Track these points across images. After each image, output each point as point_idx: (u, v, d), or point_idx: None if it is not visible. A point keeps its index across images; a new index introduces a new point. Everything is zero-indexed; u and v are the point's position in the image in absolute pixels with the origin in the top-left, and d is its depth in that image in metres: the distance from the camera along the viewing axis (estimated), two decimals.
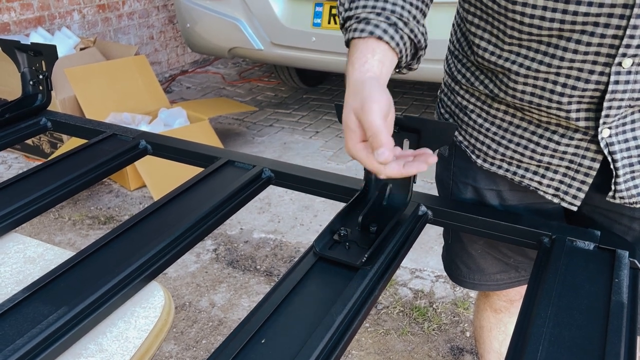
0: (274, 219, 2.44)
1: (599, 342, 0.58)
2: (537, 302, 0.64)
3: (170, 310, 0.68)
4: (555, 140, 0.77)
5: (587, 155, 0.76)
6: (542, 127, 0.78)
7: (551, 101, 0.73)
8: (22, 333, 0.59)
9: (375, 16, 0.69)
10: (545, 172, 0.80)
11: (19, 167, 2.97)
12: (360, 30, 0.69)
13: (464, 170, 0.91)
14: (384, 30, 0.68)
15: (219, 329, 1.83)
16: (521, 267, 0.97)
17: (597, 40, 0.66)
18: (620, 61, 0.66)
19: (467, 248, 0.98)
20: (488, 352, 1.19)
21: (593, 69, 0.68)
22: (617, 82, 0.68)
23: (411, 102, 3.69)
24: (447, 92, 0.90)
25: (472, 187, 0.91)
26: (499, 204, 0.90)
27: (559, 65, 0.70)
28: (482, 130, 0.84)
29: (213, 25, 3.09)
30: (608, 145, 0.73)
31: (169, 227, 0.77)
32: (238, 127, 3.45)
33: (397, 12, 0.70)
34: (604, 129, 0.72)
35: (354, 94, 0.64)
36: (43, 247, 0.80)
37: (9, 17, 3.30)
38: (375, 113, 0.61)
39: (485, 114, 0.83)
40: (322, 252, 0.71)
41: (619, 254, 0.71)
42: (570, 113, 0.73)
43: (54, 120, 1.13)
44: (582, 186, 0.78)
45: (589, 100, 0.71)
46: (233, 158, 0.97)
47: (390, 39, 0.68)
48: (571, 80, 0.70)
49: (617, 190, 0.75)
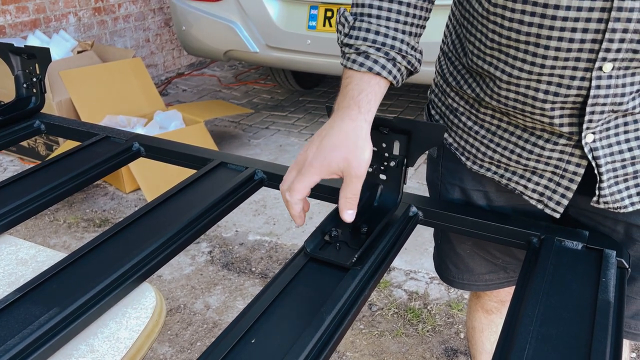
0: (269, 221, 2.44)
1: (585, 340, 0.59)
2: (525, 300, 0.64)
3: (162, 311, 0.69)
4: (540, 145, 0.77)
5: (571, 161, 0.76)
6: (528, 132, 0.78)
7: (534, 107, 0.73)
8: (14, 334, 0.59)
9: (375, 51, 0.71)
10: (532, 177, 0.81)
11: (14, 169, 2.96)
12: (360, 64, 0.71)
13: (451, 171, 0.91)
14: (382, 66, 0.71)
15: (213, 331, 1.83)
16: (509, 267, 0.98)
17: (576, 46, 0.66)
18: (601, 65, 0.67)
19: (456, 248, 0.99)
20: (480, 352, 1.19)
21: (574, 75, 0.69)
22: (598, 86, 0.68)
23: (407, 104, 3.70)
24: (438, 93, 0.91)
25: (459, 188, 0.91)
26: (486, 205, 0.90)
27: (539, 72, 0.70)
28: (472, 133, 0.84)
29: (209, 28, 3.09)
30: (592, 150, 0.73)
31: (162, 228, 0.78)
32: (234, 129, 3.45)
33: (396, 47, 0.72)
34: (588, 134, 0.72)
35: (353, 143, 0.69)
36: (35, 249, 0.80)
37: (4, 20, 3.30)
38: (362, 180, 0.69)
39: (474, 117, 0.83)
40: (313, 253, 0.72)
41: (607, 253, 0.72)
42: (554, 119, 0.73)
43: (47, 122, 1.14)
44: (566, 192, 0.78)
45: (571, 105, 0.71)
46: (226, 160, 0.97)
47: (388, 73, 0.72)
48: (553, 87, 0.71)
49: (601, 195, 0.75)
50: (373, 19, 0.72)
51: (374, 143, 0.78)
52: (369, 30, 0.72)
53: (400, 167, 0.78)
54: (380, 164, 0.79)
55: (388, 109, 3.58)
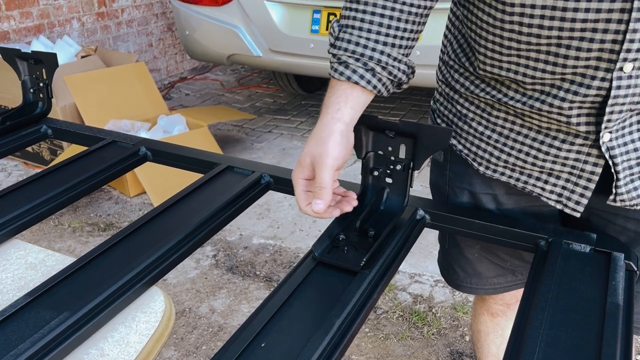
0: (274, 225, 2.44)
1: (595, 343, 0.59)
2: (534, 304, 0.65)
3: (171, 315, 0.69)
4: (556, 146, 0.78)
5: (589, 161, 0.76)
6: (543, 134, 0.79)
7: (552, 106, 0.74)
8: (25, 338, 0.60)
9: (354, 61, 0.73)
10: (548, 178, 0.81)
11: (18, 174, 2.97)
12: (340, 73, 0.74)
13: (459, 175, 0.92)
14: (360, 75, 0.73)
15: (218, 335, 1.83)
16: (518, 270, 0.98)
17: (597, 46, 0.67)
18: (622, 66, 0.67)
19: (464, 252, 0.99)
20: (486, 356, 1.19)
21: (595, 75, 0.69)
22: (619, 87, 0.69)
23: (409, 107, 3.70)
24: (444, 101, 0.91)
25: (468, 192, 0.91)
26: (495, 208, 0.90)
27: (562, 72, 0.71)
28: (484, 138, 0.84)
29: (212, 32, 3.10)
30: (609, 149, 0.74)
31: (169, 232, 0.78)
32: (237, 133, 3.46)
33: (375, 58, 0.73)
34: (605, 134, 0.73)
35: (318, 139, 0.72)
36: (44, 253, 0.80)
37: (8, 26, 3.32)
38: (327, 171, 0.71)
39: (485, 122, 0.84)
40: (320, 257, 0.72)
41: (615, 256, 0.72)
42: (571, 118, 0.74)
43: (54, 127, 1.14)
44: (585, 192, 0.78)
45: (589, 105, 0.72)
46: (232, 164, 0.98)
47: (367, 83, 0.74)
48: (574, 86, 0.71)
49: (618, 193, 0.76)
50: (355, 30, 0.74)
51: (379, 147, 0.79)
52: (350, 41, 0.74)
53: (406, 171, 0.78)
54: (386, 167, 0.79)
55: (390, 112, 3.58)
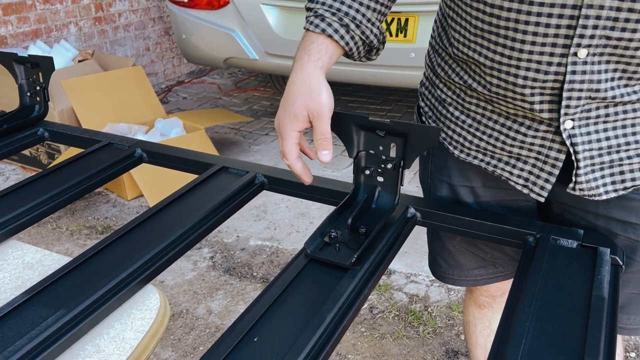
0: (270, 227, 2.45)
1: (580, 335, 0.60)
2: (521, 297, 0.66)
3: (166, 311, 0.70)
4: (522, 132, 0.80)
5: (553, 147, 0.78)
6: (511, 119, 0.81)
7: (515, 92, 0.76)
8: (22, 335, 0.61)
9: (330, 15, 0.78)
10: (516, 163, 0.83)
11: (16, 178, 2.98)
12: (315, 25, 0.78)
13: (440, 168, 0.94)
14: (335, 30, 0.78)
15: (216, 336, 1.84)
16: (498, 262, 1.00)
17: (552, 31, 0.69)
18: (576, 51, 0.69)
19: (446, 245, 1.01)
20: (474, 346, 1.22)
21: (551, 60, 0.71)
22: (574, 72, 0.70)
23: (405, 109, 3.72)
24: (428, 85, 0.94)
25: (447, 184, 0.94)
26: (473, 201, 0.92)
27: (518, 57, 0.73)
28: (459, 122, 0.87)
29: (208, 36, 3.12)
30: (571, 137, 0.76)
31: (165, 231, 0.79)
32: (234, 136, 3.47)
33: (350, 14, 0.78)
34: (567, 120, 0.75)
35: (307, 89, 0.75)
36: (41, 253, 0.82)
37: (5, 31, 3.33)
38: (327, 121, 0.75)
39: (460, 107, 0.86)
40: (313, 254, 0.73)
41: (601, 251, 0.73)
42: (534, 105, 0.76)
43: (51, 130, 1.15)
44: (550, 177, 0.80)
45: (550, 91, 0.74)
46: (227, 164, 0.99)
47: (340, 38, 0.78)
48: (531, 72, 0.73)
49: (578, 182, 0.78)
50: None
51: (370, 146, 0.80)
52: None
53: (397, 169, 0.80)
54: (378, 166, 0.81)
55: (387, 114, 3.60)
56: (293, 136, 0.76)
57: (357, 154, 0.82)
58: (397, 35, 2.62)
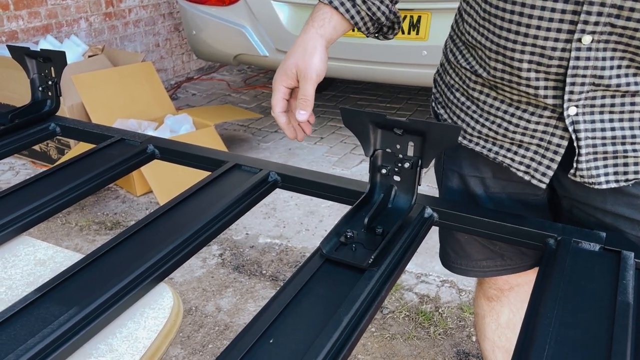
0: (280, 224, 2.44)
1: (605, 342, 0.59)
2: (543, 302, 0.64)
3: (179, 311, 0.69)
4: (526, 118, 0.80)
5: (555, 133, 0.78)
6: (514, 106, 0.81)
7: (520, 77, 0.76)
8: (34, 333, 0.60)
9: None
10: (518, 150, 0.83)
11: (26, 173, 2.99)
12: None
13: (451, 157, 0.95)
14: (341, 2, 0.81)
15: (225, 334, 1.84)
16: (506, 255, 1.00)
17: (558, 16, 0.69)
18: (580, 37, 0.69)
19: (454, 234, 1.02)
20: (483, 339, 1.22)
21: (555, 46, 0.71)
22: (577, 57, 0.70)
23: (416, 107, 3.70)
24: (441, 71, 0.96)
25: (458, 174, 0.95)
26: (483, 192, 0.93)
27: (523, 42, 0.73)
28: (464, 108, 0.88)
29: (218, 32, 3.11)
30: (574, 123, 0.75)
31: (177, 230, 0.78)
32: (243, 133, 3.47)
33: None
34: (570, 107, 0.74)
35: (303, 50, 0.80)
36: (53, 249, 0.81)
37: (17, 25, 3.34)
38: (312, 84, 0.79)
39: (465, 92, 0.87)
40: (328, 254, 0.72)
41: (625, 255, 0.71)
42: (539, 90, 0.75)
43: (62, 125, 1.15)
44: (552, 164, 0.80)
45: (554, 77, 0.74)
46: (240, 162, 0.98)
47: (345, 11, 0.81)
48: (535, 57, 0.73)
49: (579, 168, 0.78)
50: None
51: (387, 144, 0.79)
52: None
53: (414, 169, 0.78)
54: (395, 165, 0.79)
55: (397, 112, 3.57)
56: (281, 90, 0.81)
57: (374, 153, 0.80)
58: (410, 33, 2.60)
